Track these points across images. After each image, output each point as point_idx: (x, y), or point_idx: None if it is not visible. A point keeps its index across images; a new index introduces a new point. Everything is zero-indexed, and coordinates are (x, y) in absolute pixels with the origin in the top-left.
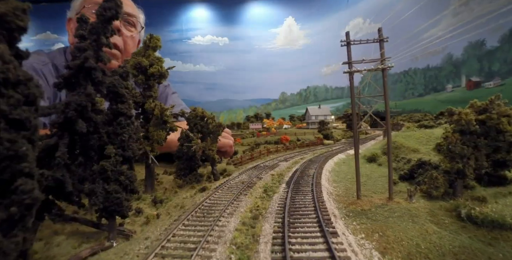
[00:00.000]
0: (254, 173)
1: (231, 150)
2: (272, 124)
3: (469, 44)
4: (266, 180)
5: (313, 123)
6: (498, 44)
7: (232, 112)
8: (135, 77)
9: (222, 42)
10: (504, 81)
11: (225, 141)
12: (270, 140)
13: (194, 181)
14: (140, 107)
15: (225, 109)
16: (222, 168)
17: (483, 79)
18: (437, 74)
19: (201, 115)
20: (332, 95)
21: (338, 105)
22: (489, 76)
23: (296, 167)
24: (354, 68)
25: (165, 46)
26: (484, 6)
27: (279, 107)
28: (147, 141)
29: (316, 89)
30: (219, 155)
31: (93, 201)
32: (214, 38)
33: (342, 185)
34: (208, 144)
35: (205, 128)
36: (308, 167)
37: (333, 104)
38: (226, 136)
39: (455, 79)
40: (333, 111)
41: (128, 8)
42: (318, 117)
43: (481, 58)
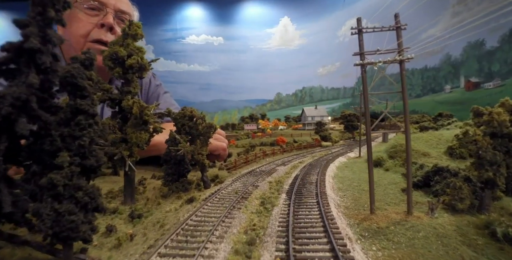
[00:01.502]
0: (249, 180)
1: (225, 153)
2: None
3: (468, 44)
4: (263, 189)
5: (310, 124)
6: (498, 44)
7: (226, 112)
8: (111, 70)
9: (217, 42)
10: (504, 82)
11: (218, 144)
12: (265, 142)
13: (181, 189)
14: (117, 105)
15: (220, 109)
16: (214, 174)
17: (482, 80)
18: (435, 75)
19: (189, 115)
20: (328, 96)
21: (334, 106)
22: (489, 77)
23: (295, 173)
24: (367, 60)
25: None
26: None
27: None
28: (125, 145)
29: (311, 90)
30: (212, 159)
31: (38, 226)
32: (209, 38)
33: (349, 195)
34: (197, 148)
35: (194, 130)
36: (309, 172)
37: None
38: (219, 138)
39: (454, 80)
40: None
41: (123, 5)
42: (314, 118)
43: (481, 58)
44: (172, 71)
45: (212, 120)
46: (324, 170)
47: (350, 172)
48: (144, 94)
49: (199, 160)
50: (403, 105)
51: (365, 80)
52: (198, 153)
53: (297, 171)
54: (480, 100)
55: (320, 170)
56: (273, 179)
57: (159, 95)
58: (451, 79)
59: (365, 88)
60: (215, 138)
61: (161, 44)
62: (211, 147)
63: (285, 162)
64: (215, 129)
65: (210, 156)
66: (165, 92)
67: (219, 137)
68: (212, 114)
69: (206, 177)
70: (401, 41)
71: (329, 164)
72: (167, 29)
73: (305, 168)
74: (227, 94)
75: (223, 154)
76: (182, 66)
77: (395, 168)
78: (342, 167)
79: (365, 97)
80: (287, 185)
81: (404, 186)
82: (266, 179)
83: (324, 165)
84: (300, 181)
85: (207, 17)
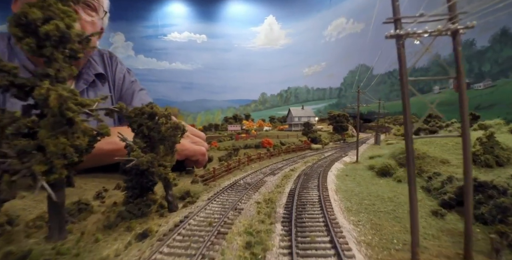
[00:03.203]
0: (230, 200)
1: (204, 158)
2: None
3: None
4: (249, 215)
5: (296, 125)
6: (489, 44)
7: (209, 113)
8: (19, 41)
9: (200, 40)
10: (495, 83)
11: (196, 148)
12: (250, 144)
13: (135, 214)
14: (28, 95)
15: (203, 109)
16: (184, 190)
17: (472, 80)
18: (424, 75)
19: (149, 112)
20: (313, 97)
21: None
22: (479, 77)
23: (289, 186)
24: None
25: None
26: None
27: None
28: (41, 155)
29: (297, 90)
30: (189, 165)
31: None
32: (192, 35)
33: (365, 220)
34: (158, 157)
35: (155, 132)
36: (306, 185)
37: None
38: (198, 141)
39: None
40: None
41: None
42: (301, 119)
43: (471, 58)
44: (153, 69)
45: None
46: (324, 181)
47: (354, 183)
48: (117, 91)
49: (161, 174)
50: (459, 96)
51: (404, 59)
52: (159, 165)
53: (290, 184)
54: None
55: (320, 182)
56: (262, 197)
57: (133, 93)
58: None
59: (403, 72)
60: (193, 141)
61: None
62: (188, 151)
63: (274, 169)
64: (183, 130)
65: (188, 162)
66: (141, 89)
67: (198, 140)
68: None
69: (171, 196)
70: (454, 2)
71: (327, 173)
72: (148, 26)
73: (299, 179)
74: (210, 94)
75: (202, 160)
76: (163, 64)
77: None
78: (341, 175)
79: (404, 85)
80: (281, 207)
81: (430, 205)
82: (253, 197)
83: (322, 175)
84: (298, 201)
85: (190, 13)
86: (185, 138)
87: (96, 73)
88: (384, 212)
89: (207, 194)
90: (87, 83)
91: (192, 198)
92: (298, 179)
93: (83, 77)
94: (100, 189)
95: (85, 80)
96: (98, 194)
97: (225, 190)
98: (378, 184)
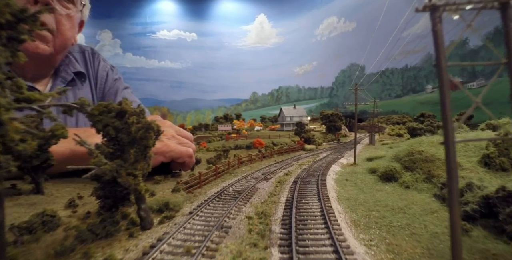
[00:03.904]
0: (216, 214)
1: (191, 160)
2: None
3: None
4: (238, 236)
5: (288, 125)
6: (482, 43)
7: (199, 112)
8: None
9: (189, 38)
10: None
11: (183, 150)
12: (241, 144)
13: (100, 233)
14: None
15: (192, 109)
16: (163, 201)
17: (465, 80)
18: (416, 74)
19: (117, 110)
20: (304, 96)
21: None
22: (472, 77)
23: (285, 194)
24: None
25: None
26: None
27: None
28: None
29: (288, 90)
30: (176, 167)
31: None
32: (181, 33)
33: (378, 238)
34: (126, 164)
35: (125, 133)
36: (304, 193)
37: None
38: (184, 142)
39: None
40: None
41: None
42: (293, 118)
43: (464, 57)
44: (141, 68)
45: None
46: (323, 188)
47: (356, 189)
48: (99, 90)
49: (130, 185)
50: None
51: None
52: (128, 174)
53: (286, 192)
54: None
55: (319, 189)
56: (254, 209)
57: (117, 91)
58: (433, 78)
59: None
60: (180, 142)
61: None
62: (175, 154)
63: (267, 173)
64: (157, 132)
65: (174, 165)
66: (125, 88)
67: (185, 141)
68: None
69: (144, 211)
70: None
71: (325, 177)
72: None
73: (295, 185)
74: (200, 93)
75: (189, 162)
76: (152, 62)
77: (417, 184)
78: (341, 180)
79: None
80: (277, 223)
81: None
82: (243, 210)
83: (321, 178)
84: (296, 214)
85: (179, 11)
86: (171, 138)
87: (76, 71)
88: (398, 227)
89: (190, 206)
90: (65, 82)
91: (171, 212)
92: (294, 186)
93: (61, 75)
94: (73, 197)
95: (63, 78)
96: (70, 202)
97: (210, 200)
98: (383, 190)
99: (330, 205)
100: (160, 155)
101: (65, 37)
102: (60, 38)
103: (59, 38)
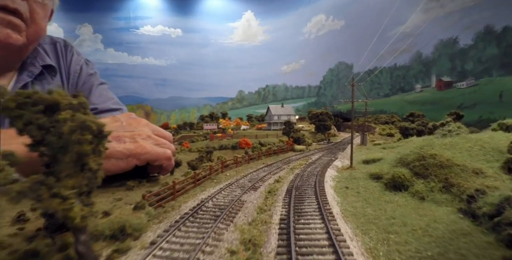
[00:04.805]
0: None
1: (169, 163)
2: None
3: (440, 42)
4: None
5: (276, 124)
6: (472, 42)
7: (184, 111)
8: None
9: (174, 34)
10: (478, 81)
11: (159, 151)
12: (226, 145)
13: None
14: None
15: (177, 107)
16: (121, 222)
17: (455, 79)
18: (405, 74)
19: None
20: (292, 95)
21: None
22: (462, 76)
23: (278, 210)
24: None
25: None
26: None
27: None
28: None
29: (275, 88)
30: (153, 171)
31: None
32: (166, 29)
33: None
34: (51, 181)
35: (55, 135)
36: (302, 209)
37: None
38: (162, 143)
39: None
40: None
41: None
42: (281, 117)
43: (453, 56)
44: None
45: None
46: (324, 201)
47: (360, 199)
48: (72, 85)
49: (55, 211)
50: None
51: None
52: (53, 195)
53: (279, 206)
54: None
55: (320, 202)
56: (238, 235)
57: (91, 87)
58: (422, 78)
59: None
60: (157, 143)
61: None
62: (150, 156)
63: (255, 181)
64: (99, 134)
65: (151, 168)
66: (101, 84)
67: (163, 142)
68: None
69: (84, 245)
70: None
71: (322, 185)
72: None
73: (290, 197)
74: (186, 91)
75: (167, 165)
76: (135, 59)
77: (433, 195)
78: (340, 188)
79: None
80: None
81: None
82: (224, 237)
83: (319, 188)
84: (296, 246)
85: (164, 6)
86: (147, 139)
87: (45, 64)
88: (430, 258)
89: (155, 229)
90: (32, 75)
91: (127, 241)
92: (288, 197)
93: (28, 68)
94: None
95: (30, 72)
96: (20, 216)
97: (183, 219)
98: (393, 202)
99: (337, 227)
100: (133, 158)
101: (39, 27)
102: (33, 28)
103: (33, 28)
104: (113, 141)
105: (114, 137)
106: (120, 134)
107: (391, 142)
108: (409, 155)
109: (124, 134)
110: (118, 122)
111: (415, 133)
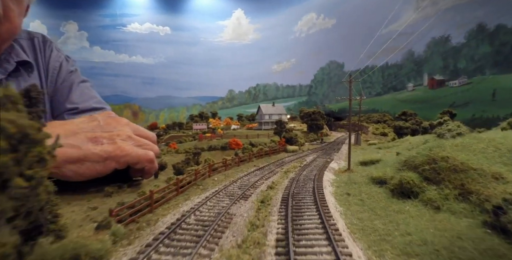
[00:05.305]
0: None
1: (152, 166)
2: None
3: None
4: None
5: (267, 123)
6: (465, 40)
7: (173, 110)
8: None
9: (163, 32)
10: (470, 80)
11: (141, 153)
12: (215, 145)
13: None
14: None
15: (166, 106)
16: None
17: (447, 78)
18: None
19: None
20: (283, 94)
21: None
22: (454, 75)
23: (273, 226)
24: None
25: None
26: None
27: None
28: None
29: (266, 87)
30: (135, 174)
31: None
32: (154, 27)
33: None
34: None
35: None
36: (301, 224)
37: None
38: (144, 144)
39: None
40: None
41: None
42: (272, 117)
43: (446, 55)
44: (110, 62)
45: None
46: (327, 214)
47: (365, 209)
48: (50, 82)
49: None
50: None
51: None
52: None
53: (275, 221)
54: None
55: (322, 216)
56: None
57: (72, 85)
58: (414, 76)
59: None
60: (138, 144)
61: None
62: (130, 158)
63: (246, 187)
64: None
65: (134, 171)
66: (83, 81)
67: (145, 143)
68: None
69: None
70: None
71: (321, 192)
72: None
73: (286, 208)
74: (175, 90)
75: (149, 168)
76: (122, 57)
77: (449, 204)
78: (341, 194)
79: None
80: None
81: None
82: None
83: (319, 197)
84: None
85: (152, 3)
86: (127, 139)
87: (20, 60)
88: None
89: (120, 257)
90: (5, 72)
91: None
92: (285, 209)
93: (2, 65)
94: None
95: (4, 68)
96: None
97: (156, 246)
98: (404, 212)
99: (347, 250)
100: (111, 161)
101: (14, 25)
102: (7, 26)
103: (6, 26)
104: (89, 142)
105: (90, 138)
106: (97, 134)
107: (385, 142)
108: (416, 157)
109: (102, 134)
110: (95, 122)
111: (409, 132)
